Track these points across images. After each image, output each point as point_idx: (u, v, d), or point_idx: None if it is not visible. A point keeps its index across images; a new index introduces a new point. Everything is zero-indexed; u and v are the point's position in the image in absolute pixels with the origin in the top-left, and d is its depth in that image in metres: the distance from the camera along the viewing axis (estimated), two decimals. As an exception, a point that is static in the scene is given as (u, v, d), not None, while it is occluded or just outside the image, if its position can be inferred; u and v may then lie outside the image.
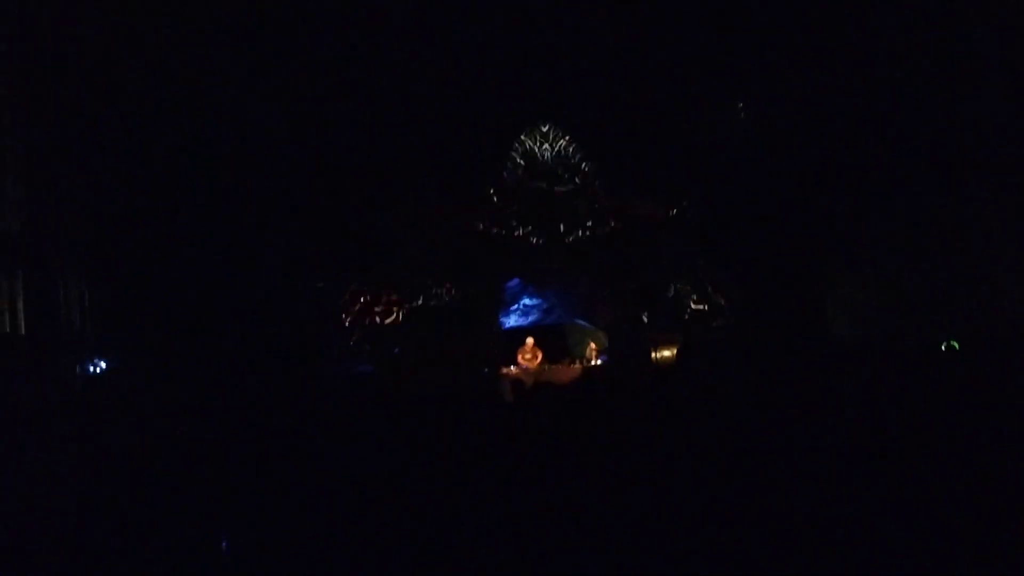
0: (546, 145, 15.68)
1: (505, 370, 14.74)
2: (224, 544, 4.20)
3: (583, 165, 15.72)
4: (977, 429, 4.50)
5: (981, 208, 12.34)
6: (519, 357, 14.90)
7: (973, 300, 12.31)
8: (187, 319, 12.15)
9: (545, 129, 15.68)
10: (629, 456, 4.27)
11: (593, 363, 14.81)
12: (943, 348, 9.40)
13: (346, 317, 15.23)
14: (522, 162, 15.74)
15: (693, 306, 15.60)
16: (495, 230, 15.63)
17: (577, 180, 15.64)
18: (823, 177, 13.85)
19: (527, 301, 15.91)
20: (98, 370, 10.95)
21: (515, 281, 15.75)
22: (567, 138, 15.67)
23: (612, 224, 15.67)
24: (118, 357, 11.20)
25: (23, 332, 10.55)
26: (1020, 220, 11.87)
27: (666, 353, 15.35)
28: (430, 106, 14.05)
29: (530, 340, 15.09)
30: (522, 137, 15.69)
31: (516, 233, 15.61)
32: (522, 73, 14.19)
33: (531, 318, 15.98)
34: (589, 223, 15.67)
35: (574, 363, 14.94)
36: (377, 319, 15.21)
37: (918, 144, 12.61)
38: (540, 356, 14.99)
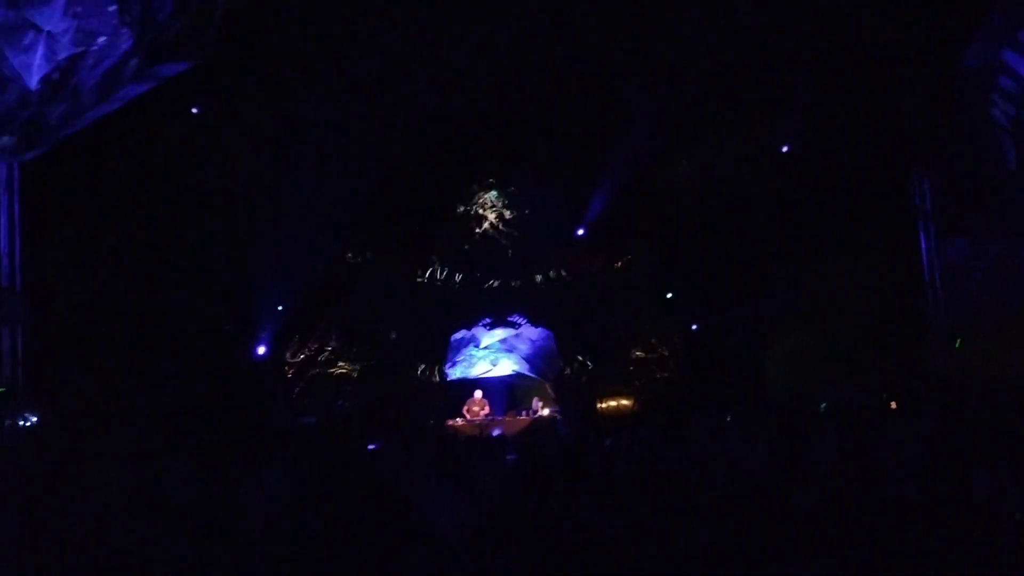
0: (494, 197, 15.80)
1: (451, 422, 14.62)
2: None
3: (531, 218, 15.85)
4: (918, 479, 4.62)
5: (915, 265, 12.80)
6: (466, 409, 14.80)
7: (906, 356, 12.68)
8: (124, 371, 11.78)
9: (493, 182, 15.82)
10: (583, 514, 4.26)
11: (540, 415, 14.77)
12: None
13: (289, 369, 14.98)
14: (471, 214, 15.82)
15: (638, 357, 15.75)
16: (442, 281, 15.62)
17: (525, 232, 15.73)
18: (766, 233, 14.22)
19: (473, 352, 15.86)
20: (29, 424, 10.51)
21: (462, 332, 15.70)
22: (515, 191, 15.82)
23: (559, 276, 15.79)
24: (51, 411, 10.78)
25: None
26: (951, 280, 12.30)
27: (612, 403, 15.44)
28: (376, 159, 14.05)
29: (478, 392, 15.01)
30: (471, 189, 15.79)
31: (464, 284, 15.61)
32: (473, 127, 14.35)
33: (477, 369, 15.91)
34: (537, 275, 15.77)
35: (521, 415, 14.88)
36: (321, 370, 15.01)
37: (856, 202, 13.05)
38: (487, 408, 14.92)
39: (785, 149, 14.52)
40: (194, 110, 12.97)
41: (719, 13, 12.62)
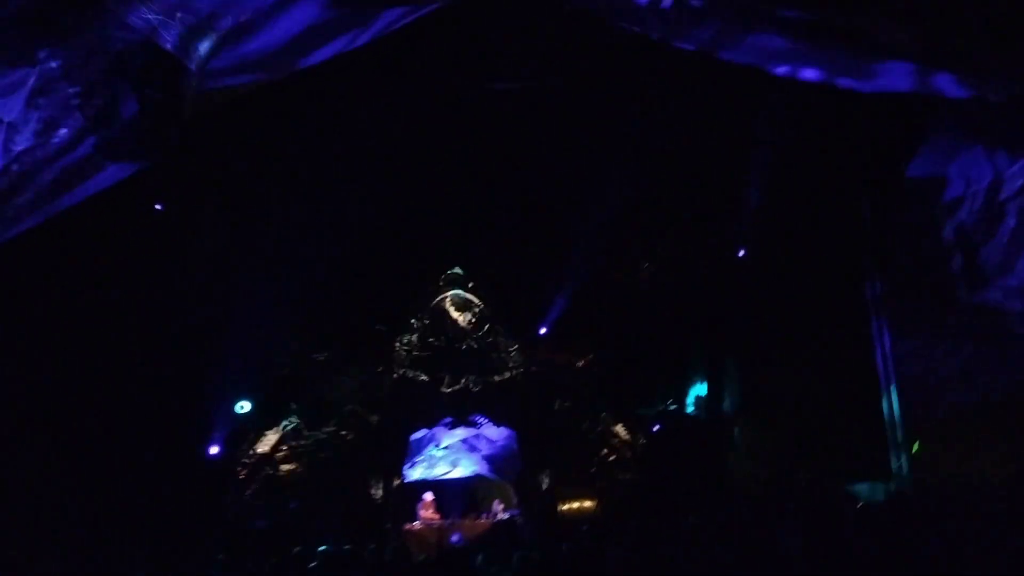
0: (456, 294, 15.83)
1: (409, 526, 14.22)
2: None
3: (493, 314, 15.89)
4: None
5: (871, 367, 12.93)
6: (419, 513, 14.43)
7: (872, 444, 12.69)
8: (70, 470, 11.35)
9: (456, 278, 15.89)
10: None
11: (500, 518, 14.42)
12: None
13: (241, 470, 14.53)
14: (431, 312, 15.82)
15: (600, 458, 15.59)
16: (402, 378, 15.48)
17: (487, 329, 15.73)
18: (724, 326, 14.41)
19: (433, 452, 15.56)
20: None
21: (422, 431, 15.44)
22: (477, 287, 15.89)
23: (521, 374, 15.73)
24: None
25: None
26: (906, 382, 12.42)
27: (575, 505, 15.18)
28: (337, 257, 14.05)
29: (428, 495, 14.67)
30: (433, 287, 15.84)
31: (424, 383, 15.47)
32: (435, 227, 14.53)
33: (437, 470, 15.57)
34: (497, 374, 15.70)
35: (479, 518, 14.53)
36: (275, 471, 14.61)
37: (812, 303, 13.29)
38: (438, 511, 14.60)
39: (741, 253, 14.87)
40: (158, 207, 12.95)
41: (677, 122, 13.09)
